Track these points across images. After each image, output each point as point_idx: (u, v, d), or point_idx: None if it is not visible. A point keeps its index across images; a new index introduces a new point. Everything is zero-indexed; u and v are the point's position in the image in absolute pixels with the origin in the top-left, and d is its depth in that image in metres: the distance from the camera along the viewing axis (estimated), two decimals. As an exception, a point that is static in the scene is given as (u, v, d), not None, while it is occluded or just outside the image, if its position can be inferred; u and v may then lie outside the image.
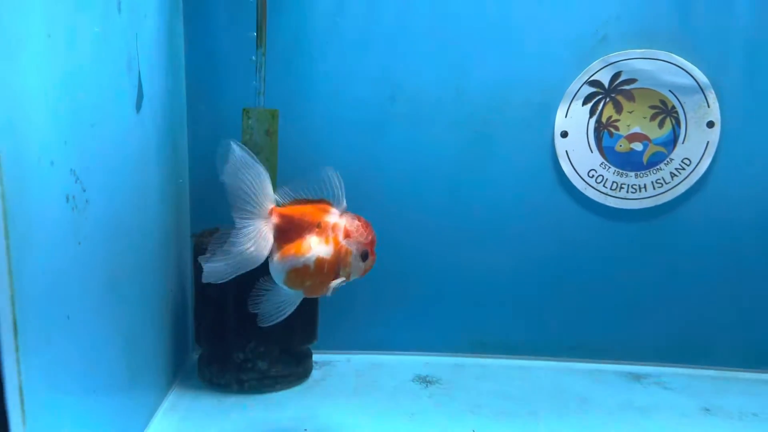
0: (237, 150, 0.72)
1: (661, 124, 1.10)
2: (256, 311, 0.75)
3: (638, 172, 1.11)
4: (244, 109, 1.01)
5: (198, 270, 0.98)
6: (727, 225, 1.11)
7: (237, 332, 0.99)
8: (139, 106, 0.82)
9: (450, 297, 1.16)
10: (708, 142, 1.09)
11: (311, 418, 0.91)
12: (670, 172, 1.10)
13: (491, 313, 1.16)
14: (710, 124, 1.08)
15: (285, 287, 0.74)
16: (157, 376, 0.93)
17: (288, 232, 0.73)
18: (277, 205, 0.73)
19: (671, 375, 1.08)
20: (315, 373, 1.07)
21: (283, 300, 0.75)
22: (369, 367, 1.09)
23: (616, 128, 1.11)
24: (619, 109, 1.10)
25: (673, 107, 1.09)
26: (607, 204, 1.12)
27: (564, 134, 1.12)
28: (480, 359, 1.14)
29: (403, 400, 0.98)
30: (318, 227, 0.73)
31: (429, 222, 1.14)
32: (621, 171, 1.11)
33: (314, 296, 0.75)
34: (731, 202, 1.10)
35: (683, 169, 1.10)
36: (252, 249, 0.72)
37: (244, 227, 0.72)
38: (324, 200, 0.74)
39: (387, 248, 1.12)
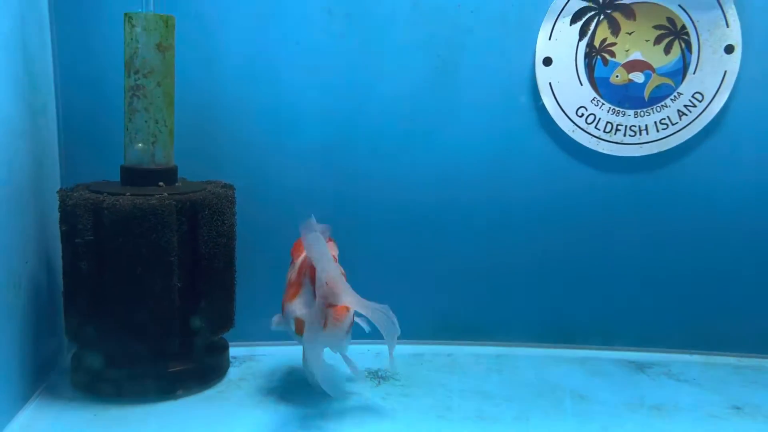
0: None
1: (667, 49, 0.89)
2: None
3: (638, 110, 0.90)
4: (126, 14, 0.74)
5: (68, 241, 0.71)
6: (747, 175, 0.91)
7: (121, 322, 0.72)
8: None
9: (406, 270, 0.93)
10: (726, 72, 0.89)
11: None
12: (678, 110, 0.90)
13: (458, 289, 0.93)
14: (729, 49, 0.88)
15: None
16: (5, 384, 0.66)
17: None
18: None
19: (683, 364, 0.89)
20: (232, 372, 0.82)
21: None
22: (296, 359, 0.84)
23: (612, 54, 0.89)
24: (615, 29, 0.89)
25: (683, 27, 0.88)
26: (600, 150, 0.92)
27: (547, 61, 0.90)
28: (444, 347, 0.92)
29: (348, 404, 0.73)
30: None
31: (379, 175, 0.90)
32: (617, 109, 0.90)
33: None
34: (753, 147, 0.90)
35: (694, 105, 0.90)
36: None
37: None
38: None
39: (328, 210, 0.89)
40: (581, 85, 0.91)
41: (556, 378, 0.82)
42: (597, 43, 0.90)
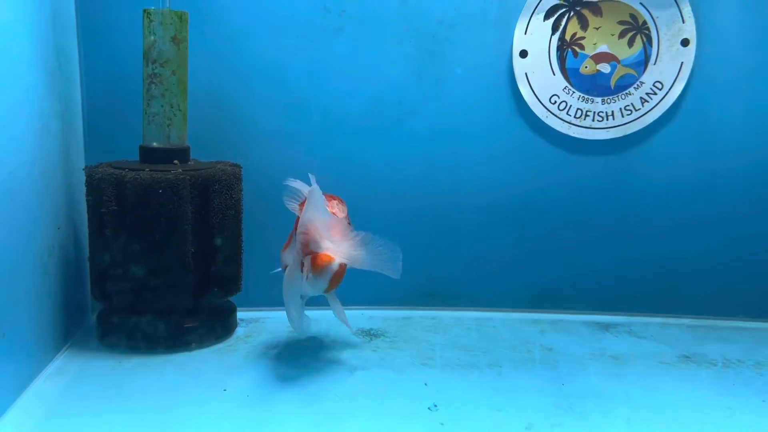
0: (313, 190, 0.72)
1: (630, 43, 0.98)
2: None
3: (605, 98, 0.99)
4: (145, 10, 0.83)
5: (94, 211, 0.80)
6: (703, 157, 1.00)
7: (142, 283, 0.81)
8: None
9: (395, 241, 1.00)
10: (682, 63, 0.97)
11: (232, 376, 0.76)
12: (641, 98, 0.99)
13: (442, 259, 1.02)
14: (685, 42, 0.97)
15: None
16: (37, 337, 0.75)
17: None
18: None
19: (643, 324, 0.97)
20: (239, 331, 0.91)
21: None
22: (304, 322, 0.94)
23: (581, 47, 0.98)
24: (584, 24, 0.98)
25: (645, 23, 0.97)
26: (571, 134, 1.00)
27: (523, 54, 0.98)
28: (430, 311, 1.01)
29: (342, 355, 0.83)
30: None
31: (370, 156, 0.99)
32: (586, 96, 0.99)
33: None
34: (708, 131, 0.99)
35: (655, 93, 0.98)
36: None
37: None
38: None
39: (325, 186, 0.98)
40: (554, 75, 1.00)
41: (529, 336, 0.91)
42: (568, 37, 0.99)
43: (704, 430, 0.65)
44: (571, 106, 1.00)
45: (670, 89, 0.98)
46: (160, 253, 0.81)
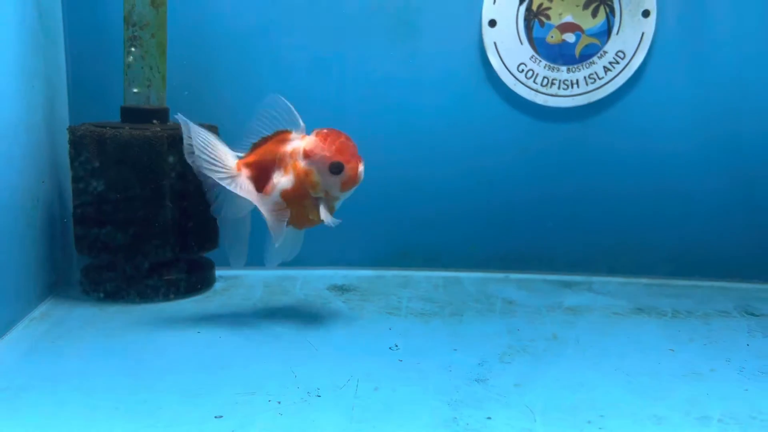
0: (180, 119, 0.73)
1: (594, 13, 1.02)
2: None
3: (570, 66, 1.03)
4: (125, -25, 0.87)
5: (76, 166, 0.84)
6: (663, 124, 1.04)
7: (122, 235, 0.85)
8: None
9: (369, 205, 1.05)
10: (643, 34, 1.02)
11: (207, 322, 0.80)
12: (604, 66, 1.03)
13: (414, 222, 1.07)
14: (645, 14, 1.01)
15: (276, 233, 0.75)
16: (22, 285, 0.79)
17: (261, 176, 0.74)
18: (240, 157, 0.75)
19: (602, 283, 1.02)
20: (217, 285, 0.95)
21: (281, 240, 0.76)
22: (280, 279, 0.98)
23: (548, 17, 1.03)
24: (550, -5, 1.02)
25: (608, -6, 1.01)
26: (538, 101, 1.04)
27: (492, 23, 1.03)
28: (402, 271, 1.05)
29: (313, 305, 0.88)
30: (279, 160, 0.73)
31: (344, 120, 1.03)
32: (552, 65, 1.03)
33: (309, 227, 0.77)
34: (668, 99, 1.03)
35: (617, 62, 1.03)
36: (241, 210, 0.76)
37: (226, 192, 0.74)
38: (282, 131, 0.75)
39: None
40: (521, 44, 1.04)
41: (492, 291, 0.96)
42: (534, 8, 1.03)
43: (644, 367, 0.70)
44: (537, 74, 1.04)
45: (631, 59, 1.03)
46: (140, 207, 0.85)
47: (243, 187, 0.74)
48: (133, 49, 0.88)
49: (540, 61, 1.04)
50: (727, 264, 1.05)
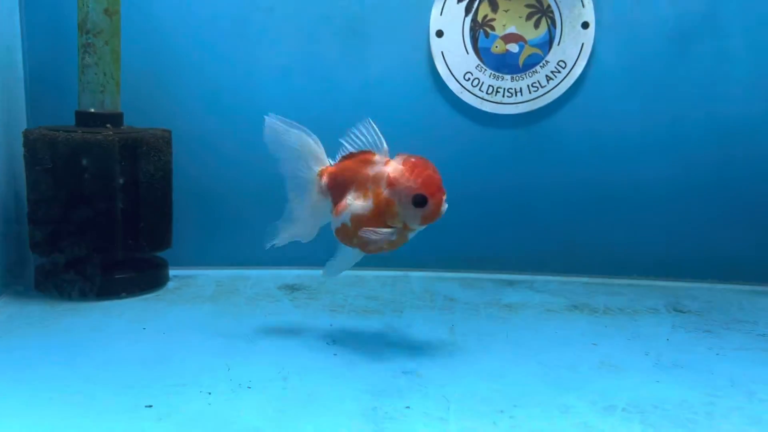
0: (269, 121, 0.75)
1: (536, 24, 1.07)
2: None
3: (514, 75, 1.08)
4: (78, -16, 0.90)
5: (30, 169, 0.87)
6: (603, 131, 1.09)
7: (74, 235, 0.88)
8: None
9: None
10: (582, 44, 1.06)
11: (153, 319, 0.83)
12: (546, 75, 1.08)
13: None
14: (585, 25, 1.06)
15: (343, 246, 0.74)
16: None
17: (339, 190, 0.73)
18: (330, 165, 0.75)
19: (544, 281, 1.06)
20: (170, 285, 0.99)
21: (343, 256, 0.76)
22: (233, 279, 1.02)
23: (492, 28, 1.07)
24: (494, 7, 1.06)
25: (549, 6, 1.06)
26: (483, 109, 1.08)
27: (439, 33, 1.07)
28: (356, 271, 1.08)
29: (261, 303, 0.91)
30: (357, 182, 0.71)
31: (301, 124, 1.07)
32: (497, 74, 1.08)
33: (373, 253, 0.73)
34: (607, 108, 1.08)
35: (559, 72, 1.07)
36: (309, 214, 0.75)
37: (299, 194, 0.75)
38: (366, 151, 0.72)
39: (258, 158, 1.05)
40: (467, 53, 1.08)
41: (436, 288, 1.00)
42: (480, 19, 1.07)
43: (564, 360, 0.74)
44: (483, 82, 1.08)
45: (572, 68, 1.07)
46: (91, 208, 0.88)
47: (317, 196, 0.74)
48: (87, 56, 0.91)
49: (485, 70, 1.08)
50: (663, 263, 1.10)
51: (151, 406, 0.60)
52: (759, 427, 0.60)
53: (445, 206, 0.71)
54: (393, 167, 0.70)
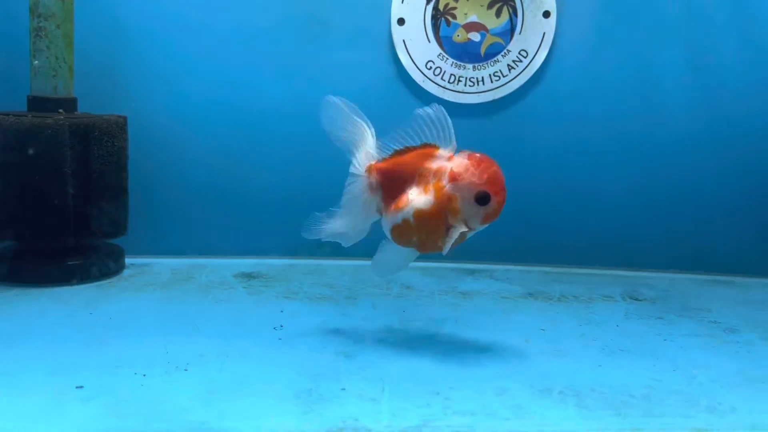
0: (332, 101, 0.72)
1: (498, 13, 1.07)
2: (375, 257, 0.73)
3: (476, 64, 1.08)
4: (28, -35, 0.89)
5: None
6: (565, 120, 1.09)
7: (26, 221, 0.87)
8: None
9: (285, 197, 1.09)
10: (544, 33, 1.06)
11: (102, 305, 0.82)
12: (508, 65, 1.07)
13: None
14: (546, 14, 1.06)
15: (396, 245, 0.70)
16: None
17: (392, 187, 0.68)
18: (378, 160, 0.70)
19: (504, 270, 1.06)
20: (126, 272, 0.98)
21: (395, 257, 0.72)
22: (189, 267, 1.01)
23: (454, 16, 1.07)
24: (456, -5, 1.06)
25: (510, -5, 1.06)
26: (446, 98, 1.08)
27: (401, 21, 1.06)
28: (317, 261, 1.09)
29: (213, 291, 0.90)
30: (419, 176, 0.67)
31: (261, 114, 1.07)
32: (459, 63, 1.07)
33: (431, 252, 0.70)
34: (569, 96, 1.08)
35: (520, 61, 1.07)
36: (356, 213, 0.71)
37: (348, 189, 0.70)
38: (429, 144, 0.68)
39: (216, 147, 1.05)
40: (429, 42, 1.08)
41: (397, 278, 0.99)
42: (441, 7, 1.07)
43: (510, 345, 0.74)
44: (445, 71, 1.08)
45: (534, 57, 1.07)
46: (42, 193, 0.87)
47: (365, 194, 0.70)
48: (38, 40, 0.90)
49: (447, 59, 1.08)
50: (624, 253, 1.10)
51: (81, 387, 0.59)
52: (694, 410, 0.60)
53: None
54: (457, 162, 0.67)
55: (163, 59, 1.04)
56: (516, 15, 1.07)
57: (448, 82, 1.08)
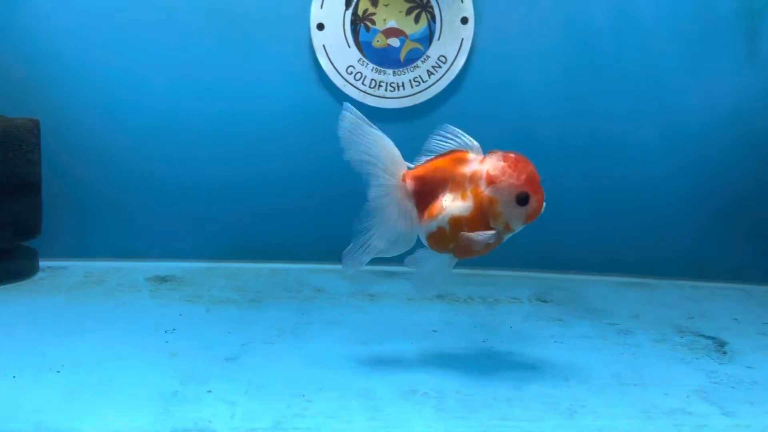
0: (348, 116, 0.70)
1: (417, 19, 1.08)
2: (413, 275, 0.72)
3: (396, 70, 1.09)
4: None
5: None
6: (484, 125, 1.08)
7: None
8: None
9: (202, 200, 1.10)
10: (462, 39, 1.08)
11: (3, 307, 0.82)
12: (427, 70, 1.09)
13: (246, 218, 1.11)
14: (464, 21, 1.07)
15: (429, 254, 0.69)
16: None
17: (427, 194, 0.68)
18: (409, 168, 0.69)
19: (438, 276, 1.07)
20: (39, 275, 0.98)
21: (431, 270, 0.70)
22: (104, 271, 1.01)
23: (373, 22, 1.08)
24: (374, 1, 1.08)
25: (428, 1, 1.07)
26: (367, 103, 1.09)
27: (320, 26, 1.07)
28: (236, 264, 1.09)
29: (119, 294, 0.91)
30: (452, 182, 0.67)
31: (178, 116, 1.07)
32: (379, 68, 1.09)
33: (468, 258, 0.69)
34: (488, 102, 1.09)
35: (440, 66, 1.08)
36: (393, 223, 0.68)
37: (380, 202, 0.68)
38: (457, 150, 0.69)
39: (135, 151, 1.06)
40: (349, 47, 1.09)
41: (310, 280, 1.00)
42: (360, 13, 1.08)
43: (393, 347, 0.75)
44: (365, 76, 1.09)
45: (452, 63, 1.08)
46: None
47: (401, 203, 0.68)
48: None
49: (367, 64, 1.09)
50: (539, 254, 1.10)
51: (-57, 390, 0.59)
52: (553, 413, 0.61)
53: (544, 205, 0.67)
54: (492, 164, 0.66)
55: (81, 61, 1.04)
56: (434, 21, 1.08)
57: (369, 87, 1.09)
